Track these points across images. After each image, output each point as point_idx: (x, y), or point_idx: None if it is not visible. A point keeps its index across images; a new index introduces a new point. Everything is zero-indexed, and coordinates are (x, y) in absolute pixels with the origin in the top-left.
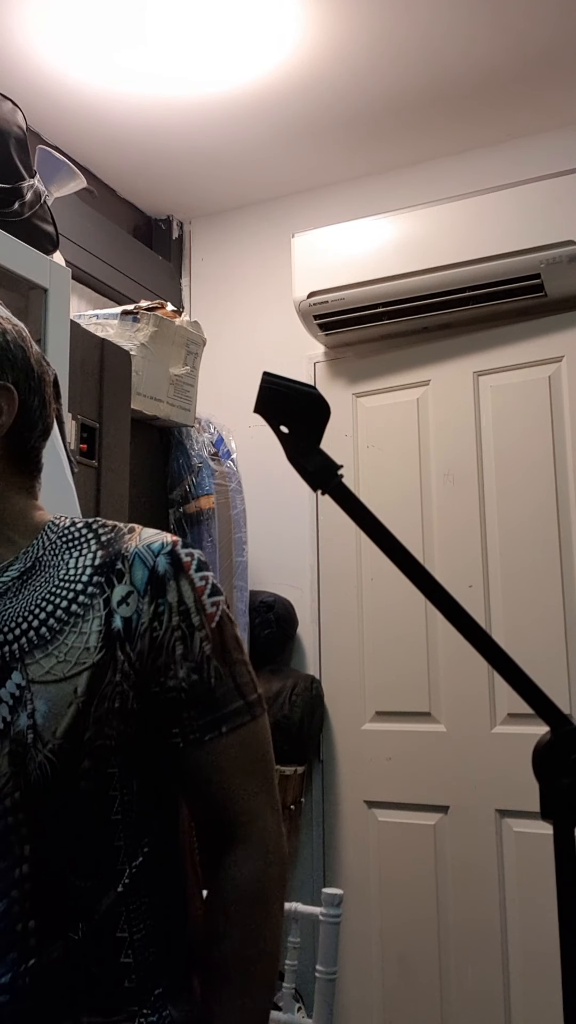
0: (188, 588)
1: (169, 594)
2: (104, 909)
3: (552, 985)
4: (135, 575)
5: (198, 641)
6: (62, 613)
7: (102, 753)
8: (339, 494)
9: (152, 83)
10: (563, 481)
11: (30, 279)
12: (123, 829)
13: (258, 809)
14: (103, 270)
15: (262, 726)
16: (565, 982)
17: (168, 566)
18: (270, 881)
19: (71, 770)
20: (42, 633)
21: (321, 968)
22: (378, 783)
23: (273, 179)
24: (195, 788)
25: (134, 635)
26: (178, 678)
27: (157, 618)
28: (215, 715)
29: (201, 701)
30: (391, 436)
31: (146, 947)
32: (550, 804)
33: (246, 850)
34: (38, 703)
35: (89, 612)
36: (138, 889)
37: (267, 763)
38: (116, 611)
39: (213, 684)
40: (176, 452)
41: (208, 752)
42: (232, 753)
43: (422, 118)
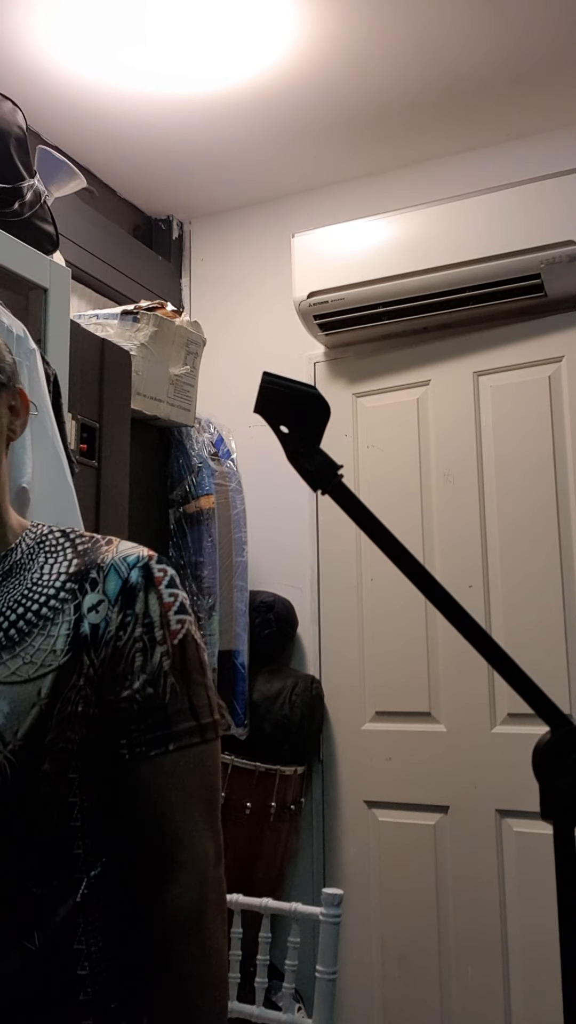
0: (156, 602)
1: (137, 605)
2: (61, 919)
3: (552, 985)
4: (108, 585)
5: (158, 655)
6: (32, 616)
7: (63, 757)
8: (339, 494)
9: (152, 83)
10: (563, 481)
11: (30, 279)
12: (82, 837)
13: (196, 834)
14: (103, 270)
15: (212, 752)
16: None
17: (140, 579)
18: (207, 910)
19: (31, 772)
20: (11, 635)
21: (321, 968)
22: (378, 783)
23: (273, 179)
24: (134, 804)
25: (100, 642)
26: (132, 689)
27: (123, 627)
28: (164, 731)
29: (152, 715)
30: (391, 436)
31: (102, 960)
32: (550, 804)
33: (181, 877)
34: (1, 704)
35: (59, 616)
36: (96, 901)
37: (212, 789)
38: (85, 617)
39: (167, 700)
40: (176, 452)
41: (152, 768)
42: (176, 772)
43: (422, 118)
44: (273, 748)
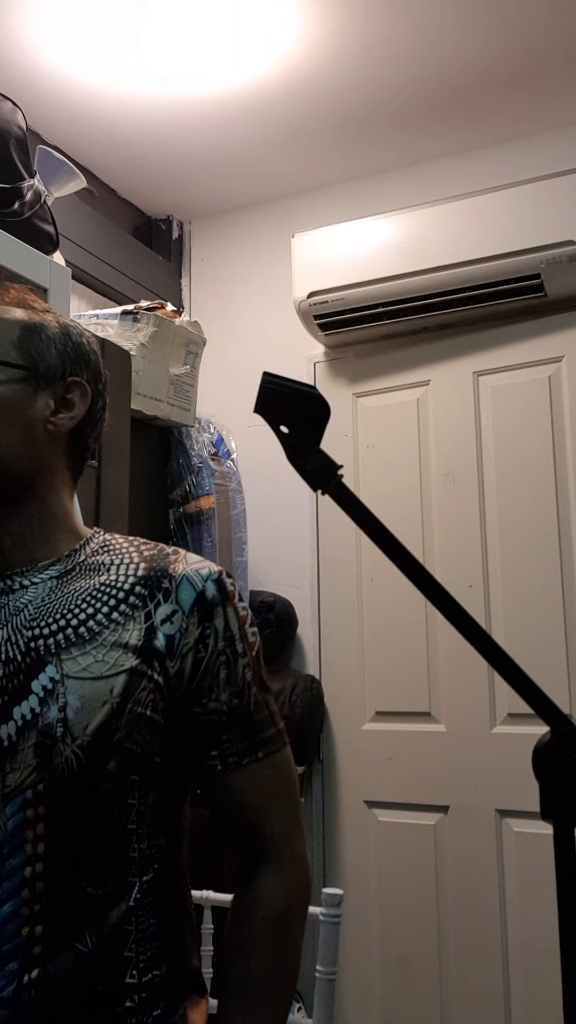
0: (234, 616)
1: (216, 620)
2: (114, 922)
3: (552, 985)
4: (182, 596)
5: (241, 667)
6: (102, 617)
7: (128, 757)
8: (339, 494)
9: (152, 83)
10: (563, 481)
11: (30, 279)
12: (137, 840)
13: (289, 833)
14: (103, 270)
15: (289, 753)
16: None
17: (216, 593)
18: (297, 902)
19: (97, 769)
20: (80, 632)
21: (321, 968)
22: (378, 783)
23: (273, 179)
24: (229, 810)
25: (175, 653)
26: (220, 701)
27: (202, 640)
28: (253, 740)
29: (240, 725)
30: (391, 436)
31: (150, 969)
32: (550, 804)
33: (276, 871)
34: (70, 697)
35: (130, 622)
36: (147, 907)
37: (296, 789)
38: (159, 628)
39: (252, 710)
40: (176, 452)
41: (245, 776)
42: (267, 778)
43: (422, 118)
44: None
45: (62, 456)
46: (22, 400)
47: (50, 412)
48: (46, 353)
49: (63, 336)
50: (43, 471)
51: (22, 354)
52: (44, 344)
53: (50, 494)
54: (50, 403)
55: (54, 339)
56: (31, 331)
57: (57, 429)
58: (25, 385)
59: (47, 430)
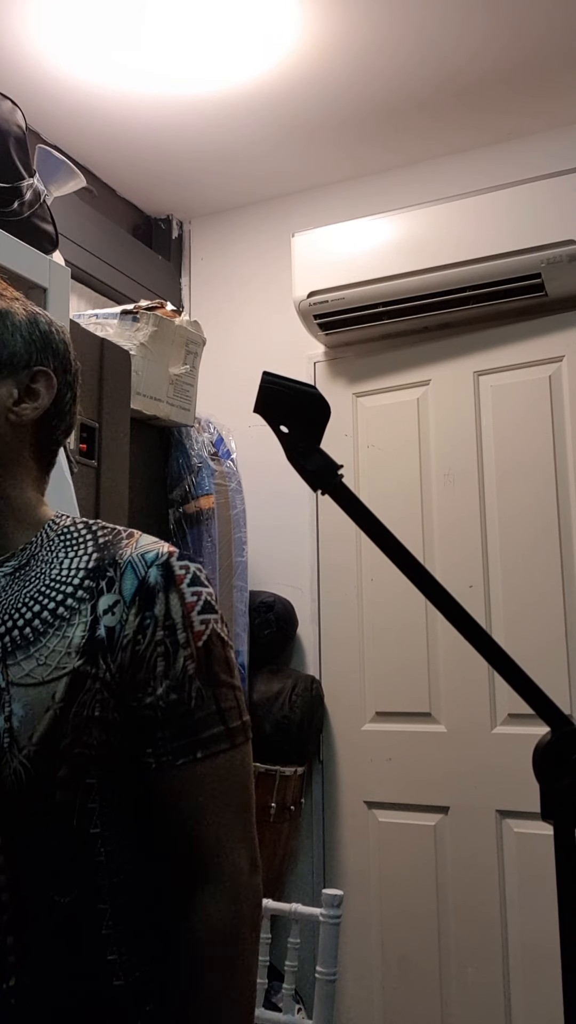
0: (177, 602)
1: (156, 607)
2: (89, 928)
3: (552, 985)
4: (124, 584)
5: (181, 659)
6: (48, 615)
7: (80, 762)
8: (339, 494)
9: (152, 82)
10: (563, 481)
11: (30, 279)
12: (104, 843)
13: (230, 844)
14: (103, 270)
15: (243, 755)
16: (565, 982)
17: (160, 578)
18: (242, 923)
19: (47, 778)
20: (26, 633)
21: (321, 969)
22: (378, 783)
23: (273, 179)
24: (164, 815)
25: (116, 646)
26: (155, 695)
27: (141, 631)
28: (191, 739)
29: (177, 722)
30: (391, 436)
31: (136, 968)
32: (550, 804)
33: (216, 889)
34: (15, 706)
35: (75, 617)
36: (123, 907)
37: (244, 795)
38: (101, 619)
39: (192, 706)
40: (176, 452)
41: (180, 778)
42: (206, 781)
43: (422, 117)
44: (273, 748)
45: (27, 447)
46: None
47: (13, 401)
48: (10, 341)
49: (30, 324)
50: (5, 463)
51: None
52: (8, 331)
53: (11, 486)
54: (13, 392)
55: (19, 327)
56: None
57: (20, 419)
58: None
59: (9, 420)
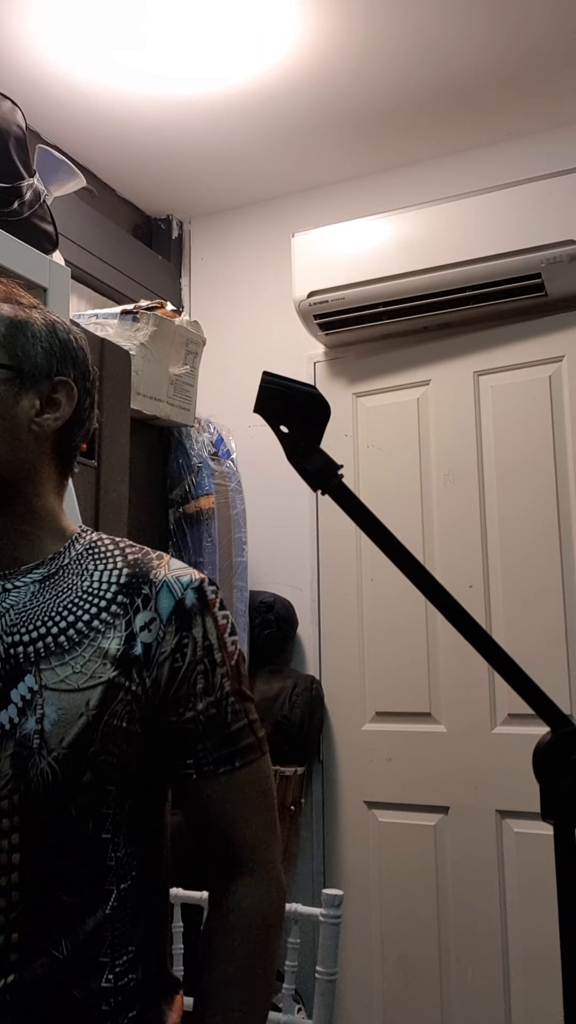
0: (212, 625)
1: (195, 629)
2: (90, 930)
3: (552, 985)
4: (161, 603)
5: (219, 676)
6: (83, 626)
7: (104, 769)
8: (339, 494)
9: (152, 82)
10: (563, 481)
11: (30, 279)
12: (113, 849)
13: (264, 842)
14: (103, 270)
15: (268, 762)
16: (565, 982)
17: (196, 601)
18: (273, 911)
19: (72, 781)
20: (60, 642)
21: (321, 969)
22: (378, 783)
23: (273, 179)
24: (205, 819)
25: (152, 662)
26: (196, 710)
27: (180, 650)
28: (230, 749)
29: (217, 735)
30: (391, 436)
31: (126, 973)
32: (550, 804)
33: (252, 880)
34: (48, 709)
35: (110, 630)
36: (124, 914)
37: (272, 798)
38: (138, 635)
39: (229, 719)
40: (176, 452)
41: (221, 785)
42: (243, 787)
43: (422, 117)
44: (273, 748)
45: (48, 456)
46: (6, 400)
47: (35, 412)
48: (31, 351)
49: (49, 333)
50: (28, 472)
51: (7, 352)
52: (29, 342)
53: (36, 495)
54: (35, 403)
55: (40, 337)
56: (16, 328)
57: (42, 430)
58: (9, 385)
59: (32, 431)
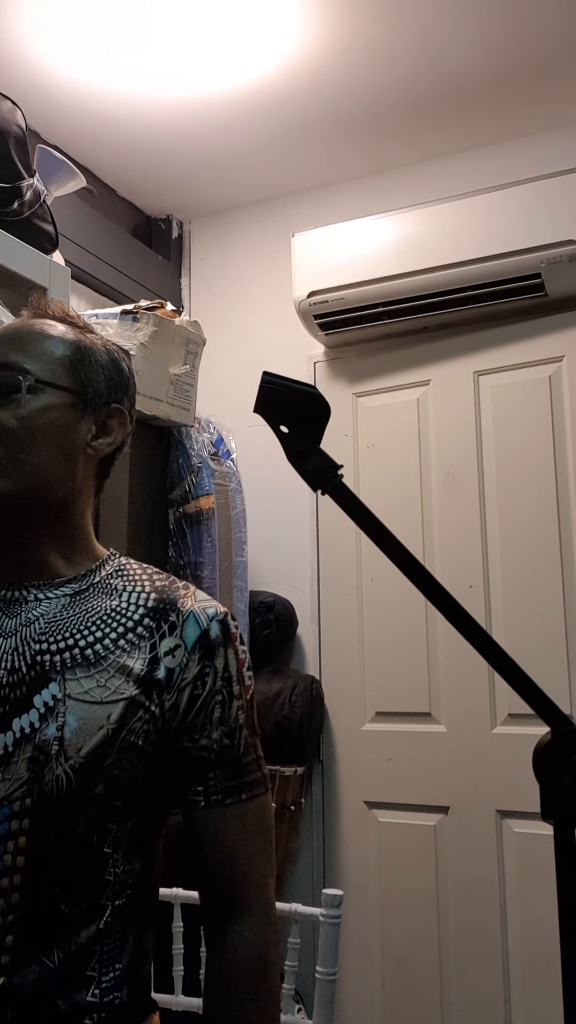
0: (234, 658)
1: (217, 660)
2: (82, 942)
3: (552, 986)
4: (187, 632)
5: (235, 708)
6: (110, 643)
7: (115, 783)
8: (339, 494)
9: (152, 83)
10: (564, 481)
11: (30, 279)
12: (112, 865)
13: (263, 879)
14: (103, 270)
15: (270, 800)
16: (565, 982)
17: (220, 633)
18: (272, 948)
19: (85, 790)
20: (87, 655)
21: (321, 969)
22: (378, 783)
23: (273, 179)
24: (207, 849)
25: (173, 686)
26: (211, 739)
27: (201, 678)
28: (239, 781)
29: (228, 765)
30: (391, 436)
31: (112, 991)
32: (550, 805)
33: (251, 917)
34: (69, 718)
35: (136, 651)
36: (115, 931)
37: (272, 836)
38: (161, 659)
39: (241, 751)
40: (176, 452)
41: (225, 815)
42: (248, 820)
43: (422, 117)
44: (273, 748)
45: (91, 479)
46: (68, 424)
47: (91, 437)
48: (95, 378)
49: (110, 362)
50: (77, 492)
51: (73, 378)
52: (93, 369)
53: (78, 514)
54: (92, 428)
55: (103, 364)
56: (82, 353)
57: (96, 454)
58: (73, 410)
59: (86, 454)
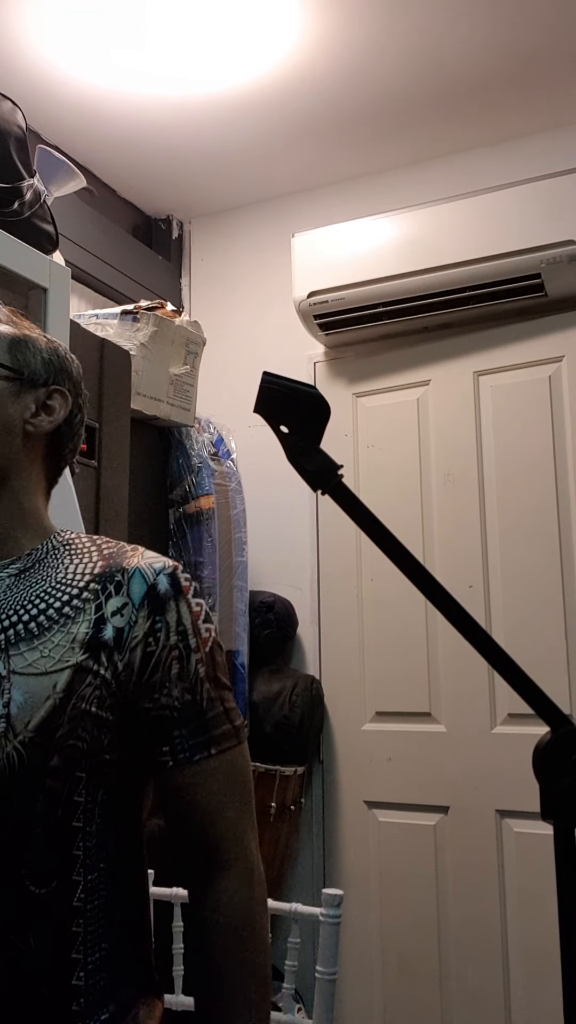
0: (186, 611)
1: (168, 614)
2: (58, 923)
3: (552, 985)
4: (133, 589)
5: (193, 663)
6: (53, 612)
7: (72, 754)
8: (339, 494)
9: (152, 82)
10: (563, 481)
11: (30, 279)
12: (83, 838)
13: (241, 832)
14: (103, 270)
15: (245, 751)
16: (565, 982)
17: (169, 587)
18: (257, 904)
19: (39, 765)
20: (30, 628)
21: (321, 969)
22: (378, 783)
23: (273, 179)
24: (180, 808)
25: (124, 646)
26: (171, 696)
27: (152, 634)
28: (205, 736)
29: (192, 721)
30: (391, 436)
31: (99, 971)
32: (550, 804)
33: (233, 874)
34: (15, 693)
35: (80, 615)
36: (95, 909)
37: (249, 787)
38: (108, 620)
39: (204, 706)
40: (176, 452)
41: (196, 773)
42: (219, 775)
43: (422, 117)
44: (273, 748)
45: (39, 459)
46: (4, 400)
47: (30, 414)
48: (32, 361)
49: (50, 350)
50: (19, 469)
51: (10, 358)
52: (31, 353)
53: (23, 493)
54: (31, 406)
55: (41, 350)
56: (20, 341)
57: (36, 430)
58: (10, 384)
59: (26, 430)
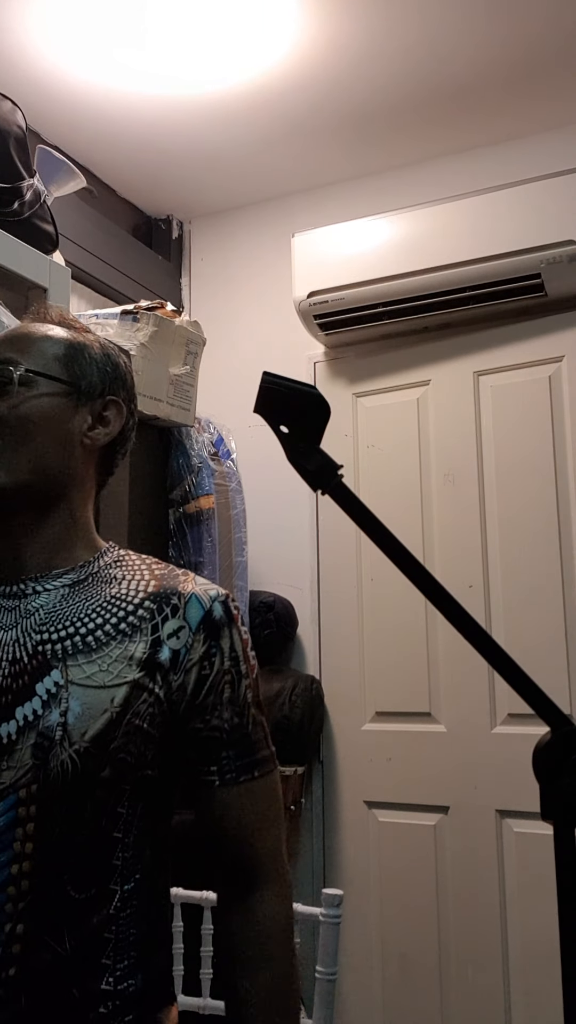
0: (238, 638)
1: (223, 640)
2: (93, 928)
3: (552, 985)
4: (190, 613)
5: (243, 688)
6: (111, 628)
7: (122, 767)
8: (339, 494)
9: (152, 82)
10: (563, 481)
11: (30, 279)
12: (122, 849)
13: (278, 851)
14: (103, 270)
15: (278, 775)
16: (565, 982)
17: (223, 614)
18: (291, 918)
19: (91, 775)
20: (88, 641)
21: (321, 969)
22: (378, 783)
23: (273, 179)
24: (222, 825)
25: (179, 667)
26: (222, 719)
27: (207, 658)
28: (250, 759)
29: (240, 744)
30: (391, 436)
31: (126, 978)
32: (550, 804)
33: (272, 888)
34: (72, 703)
35: (137, 634)
36: (127, 916)
37: (281, 807)
38: (165, 642)
39: (250, 730)
40: (176, 452)
41: (241, 793)
42: (261, 796)
43: (422, 117)
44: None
45: (92, 470)
46: (63, 414)
47: (87, 427)
48: (88, 371)
49: (104, 357)
50: (75, 483)
51: (67, 370)
52: (87, 363)
53: (78, 506)
54: (88, 419)
55: (96, 359)
56: (75, 349)
57: (93, 444)
58: (67, 400)
59: (83, 444)
